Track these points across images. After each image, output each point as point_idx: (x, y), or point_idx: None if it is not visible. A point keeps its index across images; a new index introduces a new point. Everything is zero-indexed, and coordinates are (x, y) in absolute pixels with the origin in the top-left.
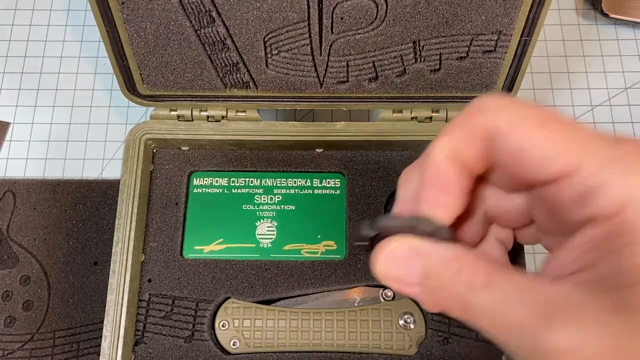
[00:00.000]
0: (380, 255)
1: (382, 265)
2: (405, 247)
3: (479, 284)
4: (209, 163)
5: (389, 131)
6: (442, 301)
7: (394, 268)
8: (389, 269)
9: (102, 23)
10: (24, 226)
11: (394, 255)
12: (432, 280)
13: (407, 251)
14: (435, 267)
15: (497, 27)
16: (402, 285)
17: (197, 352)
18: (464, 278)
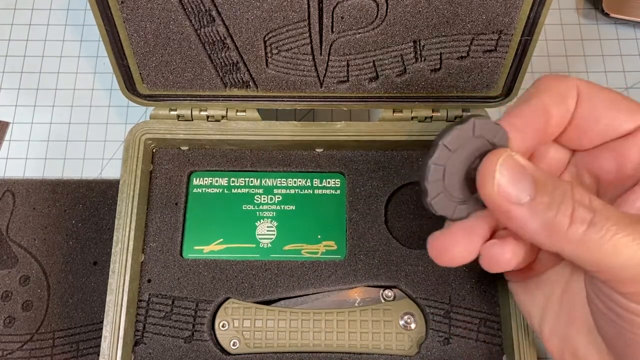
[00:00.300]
0: (498, 164)
1: (500, 173)
2: (513, 160)
3: (601, 206)
4: (208, 163)
5: (389, 131)
6: (556, 223)
7: (509, 181)
8: (504, 182)
9: (101, 22)
10: (23, 226)
11: (506, 168)
12: (545, 196)
13: (516, 164)
14: (544, 183)
15: (498, 26)
16: (512, 203)
17: (197, 352)
18: (579, 197)
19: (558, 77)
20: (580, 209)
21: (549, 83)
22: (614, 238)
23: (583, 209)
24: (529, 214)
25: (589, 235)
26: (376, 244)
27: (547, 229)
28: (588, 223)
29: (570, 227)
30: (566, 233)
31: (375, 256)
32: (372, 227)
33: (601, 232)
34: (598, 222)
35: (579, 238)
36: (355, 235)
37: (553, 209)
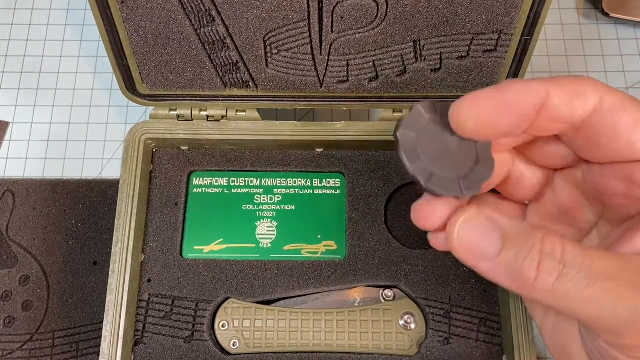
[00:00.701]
0: (458, 224)
1: (461, 231)
2: (481, 217)
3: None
4: (208, 163)
5: (389, 131)
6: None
7: (472, 238)
8: (466, 239)
9: (101, 22)
10: (23, 226)
11: (474, 223)
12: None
13: (483, 221)
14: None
15: (498, 26)
16: (479, 259)
17: (197, 352)
18: (549, 248)
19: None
20: (549, 261)
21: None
22: (585, 292)
23: (552, 261)
24: (495, 268)
25: (559, 287)
26: (376, 244)
27: (515, 281)
28: (557, 274)
29: (537, 279)
30: (534, 284)
31: (375, 256)
32: (372, 227)
33: (570, 285)
34: (568, 274)
35: (548, 289)
36: (355, 235)
37: (519, 262)
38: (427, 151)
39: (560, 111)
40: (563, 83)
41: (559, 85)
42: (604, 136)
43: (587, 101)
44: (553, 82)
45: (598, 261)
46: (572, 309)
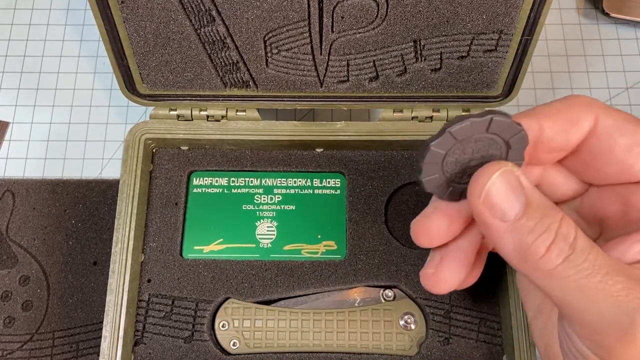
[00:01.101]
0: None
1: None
2: (513, 176)
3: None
4: (208, 163)
5: (389, 131)
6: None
7: (499, 193)
8: (494, 193)
9: (101, 22)
10: (23, 226)
11: (501, 180)
12: (530, 220)
13: (514, 180)
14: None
15: (498, 26)
16: (494, 216)
17: (197, 352)
18: (565, 230)
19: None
20: (561, 242)
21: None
22: (583, 280)
23: (564, 243)
24: (507, 233)
25: (560, 270)
26: (376, 244)
27: (521, 252)
28: (564, 258)
29: (544, 256)
30: (538, 261)
31: (375, 256)
32: (372, 227)
33: (572, 271)
34: (574, 260)
35: (549, 269)
36: (355, 235)
37: (533, 235)
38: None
39: (556, 142)
40: (555, 114)
41: (552, 118)
42: (599, 158)
43: (582, 126)
44: (544, 114)
45: (602, 257)
46: (564, 294)
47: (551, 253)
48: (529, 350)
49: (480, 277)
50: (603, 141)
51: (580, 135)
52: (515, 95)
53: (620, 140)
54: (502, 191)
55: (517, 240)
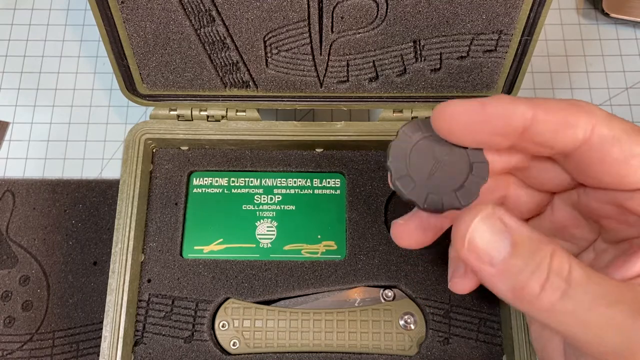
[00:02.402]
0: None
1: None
2: (495, 218)
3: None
4: (208, 163)
5: (389, 131)
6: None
7: (481, 238)
8: (477, 239)
9: (101, 22)
10: (23, 226)
11: (483, 225)
12: (519, 259)
13: (496, 222)
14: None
15: (498, 26)
16: (482, 262)
17: (197, 352)
18: (557, 265)
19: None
20: (555, 278)
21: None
22: (584, 314)
23: (558, 279)
24: (498, 276)
25: (560, 306)
26: (376, 244)
27: (515, 293)
28: (561, 294)
29: (541, 295)
30: (534, 301)
31: (375, 256)
32: (372, 227)
33: (571, 306)
34: (572, 295)
35: (548, 307)
36: (355, 235)
37: (525, 274)
38: (420, 172)
39: (543, 138)
40: (554, 109)
41: (549, 112)
42: (592, 167)
43: (576, 132)
44: (542, 106)
45: (600, 285)
46: (567, 329)
47: (546, 291)
48: (528, 350)
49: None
50: (596, 151)
51: (571, 142)
52: (515, 95)
53: (615, 151)
54: (486, 236)
55: (509, 282)
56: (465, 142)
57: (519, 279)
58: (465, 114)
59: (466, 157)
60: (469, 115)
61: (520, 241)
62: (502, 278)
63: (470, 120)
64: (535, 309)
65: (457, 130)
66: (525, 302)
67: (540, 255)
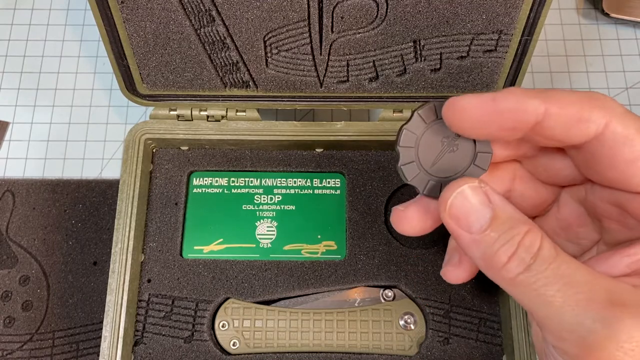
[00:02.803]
0: (455, 191)
1: (455, 199)
2: (479, 191)
3: (547, 256)
4: (208, 163)
5: (389, 131)
6: (494, 259)
7: (462, 207)
8: (457, 206)
9: (101, 22)
10: (23, 226)
11: (469, 194)
12: (495, 231)
13: (480, 195)
14: (503, 221)
15: (498, 26)
16: (460, 227)
17: (197, 352)
18: (528, 242)
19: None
20: (523, 252)
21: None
22: (543, 289)
23: (526, 253)
24: (473, 243)
25: (522, 279)
26: (376, 244)
27: (485, 261)
28: (524, 267)
29: (506, 265)
30: (501, 269)
31: (375, 256)
32: (372, 227)
33: (533, 279)
34: (534, 269)
35: (511, 278)
36: (355, 235)
37: (496, 245)
38: (426, 158)
39: (555, 132)
40: (567, 103)
41: (562, 106)
42: (600, 162)
43: (589, 127)
44: (556, 100)
45: (568, 267)
46: (528, 302)
47: (512, 262)
48: (528, 350)
49: (481, 277)
50: (607, 148)
51: (582, 136)
52: None
53: (625, 150)
54: (467, 205)
55: (481, 250)
56: (475, 136)
57: (490, 248)
58: (477, 109)
59: (472, 145)
60: (480, 110)
61: (500, 216)
62: (476, 245)
63: (481, 115)
64: (501, 277)
65: (468, 124)
66: (494, 270)
67: (515, 230)
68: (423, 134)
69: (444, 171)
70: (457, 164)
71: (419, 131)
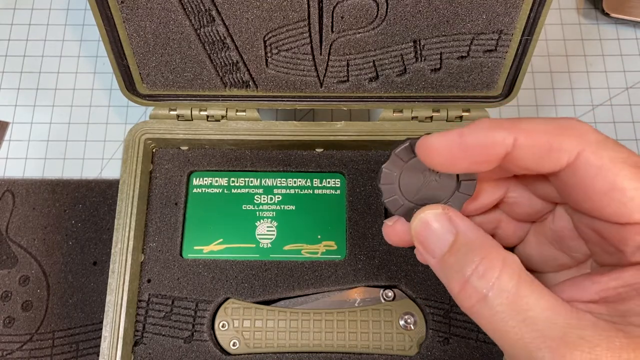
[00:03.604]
0: (417, 217)
1: (418, 225)
2: (442, 217)
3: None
4: (208, 163)
5: (389, 131)
6: (450, 285)
7: (425, 232)
8: (421, 232)
9: (101, 22)
10: (23, 226)
11: (429, 220)
12: (452, 257)
13: (442, 221)
14: (460, 246)
15: (498, 26)
16: (427, 252)
17: (197, 352)
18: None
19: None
20: (478, 282)
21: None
22: (498, 323)
23: (480, 282)
24: (437, 267)
25: (476, 310)
26: (376, 244)
27: (447, 286)
28: (478, 298)
29: (459, 293)
30: (457, 297)
31: (375, 256)
32: (372, 227)
33: (488, 312)
34: (489, 302)
35: (467, 307)
36: (355, 235)
37: (451, 272)
38: (409, 190)
39: (525, 162)
40: (537, 133)
41: (531, 136)
42: (574, 191)
43: (560, 157)
44: (525, 130)
45: (527, 301)
46: (486, 331)
47: (465, 291)
48: None
49: None
50: (579, 178)
51: (554, 166)
52: (515, 95)
53: (598, 182)
54: (429, 230)
55: (443, 274)
56: (449, 171)
57: (448, 274)
58: (445, 147)
59: (454, 175)
60: (448, 148)
61: (460, 240)
62: (439, 269)
63: (450, 152)
64: (460, 304)
65: (440, 161)
66: (454, 295)
67: (471, 257)
68: (402, 170)
69: (428, 200)
70: (441, 193)
71: (398, 169)
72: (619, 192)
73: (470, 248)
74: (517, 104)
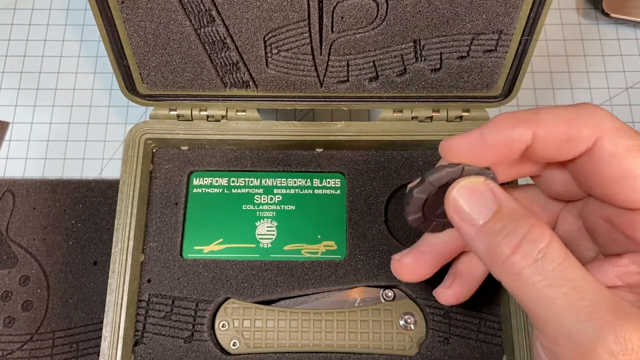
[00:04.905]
0: (458, 185)
1: (457, 193)
2: (484, 185)
3: (555, 255)
4: (208, 163)
5: (389, 131)
6: (497, 250)
7: (465, 200)
8: (460, 200)
9: (101, 22)
10: (23, 226)
11: (472, 188)
12: (497, 223)
13: (485, 189)
14: (506, 213)
15: (498, 26)
16: (464, 221)
17: (197, 352)
18: (535, 235)
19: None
20: (528, 246)
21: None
22: (547, 289)
23: (531, 247)
24: (476, 236)
25: (526, 274)
26: (376, 244)
27: (489, 253)
28: (532, 261)
29: (510, 257)
30: (505, 262)
31: (375, 256)
32: (372, 227)
33: (538, 277)
34: (541, 266)
35: (515, 272)
36: (355, 235)
37: (499, 236)
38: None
39: (545, 153)
40: (554, 123)
41: (549, 128)
42: (588, 176)
43: (578, 146)
44: (543, 123)
45: (575, 271)
46: (528, 300)
47: (516, 255)
48: (528, 350)
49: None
50: (594, 164)
51: (572, 153)
52: (515, 95)
53: (612, 169)
54: (469, 198)
55: (485, 242)
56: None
57: (493, 240)
58: (467, 148)
59: None
60: (470, 149)
61: (504, 209)
62: (480, 238)
63: (472, 152)
64: (504, 271)
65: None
66: (497, 263)
67: (520, 222)
68: (431, 193)
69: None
70: None
71: (427, 193)
72: (632, 179)
73: (514, 216)
74: (517, 104)
